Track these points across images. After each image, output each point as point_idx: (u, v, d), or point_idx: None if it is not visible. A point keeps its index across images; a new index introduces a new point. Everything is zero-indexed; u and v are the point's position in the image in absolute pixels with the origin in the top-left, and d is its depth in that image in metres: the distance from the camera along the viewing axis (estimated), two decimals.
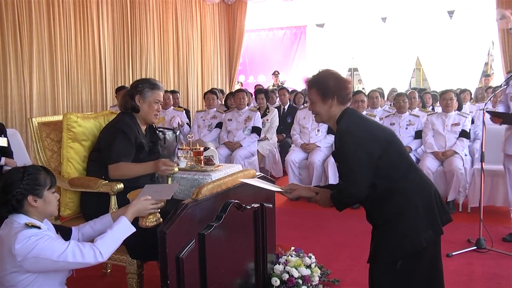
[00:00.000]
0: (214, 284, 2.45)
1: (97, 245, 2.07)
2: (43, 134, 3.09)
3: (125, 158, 2.88)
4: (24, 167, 2.15)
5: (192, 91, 10.50)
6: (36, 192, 2.09)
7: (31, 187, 2.08)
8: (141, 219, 2.37)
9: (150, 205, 2.32)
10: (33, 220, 2.09)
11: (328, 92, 2.35)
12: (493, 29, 9.72)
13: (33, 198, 2.08)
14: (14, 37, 6.44)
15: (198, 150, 3.82)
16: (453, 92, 5.66)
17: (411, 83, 13.29)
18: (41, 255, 1.97)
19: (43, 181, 2.12)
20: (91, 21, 7.69)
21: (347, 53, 12.33)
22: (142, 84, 3.03)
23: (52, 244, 2.00)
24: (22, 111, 6.60)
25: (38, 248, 1.97)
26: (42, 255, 1.97)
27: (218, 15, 11.38)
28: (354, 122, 2.34)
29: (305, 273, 3.18)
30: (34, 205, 2.09)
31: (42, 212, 2.14)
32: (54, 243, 2.01)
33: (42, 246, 1.97)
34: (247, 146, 6.50)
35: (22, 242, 1.96)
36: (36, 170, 2.14)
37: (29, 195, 2.07)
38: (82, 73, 7.60)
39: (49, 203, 2.14)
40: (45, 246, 1.98)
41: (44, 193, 2.11)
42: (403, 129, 5.76)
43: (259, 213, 2.94)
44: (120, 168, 2.85)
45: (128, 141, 2.90)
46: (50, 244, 1.99)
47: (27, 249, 1.96)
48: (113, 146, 2.87)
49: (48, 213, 2.18)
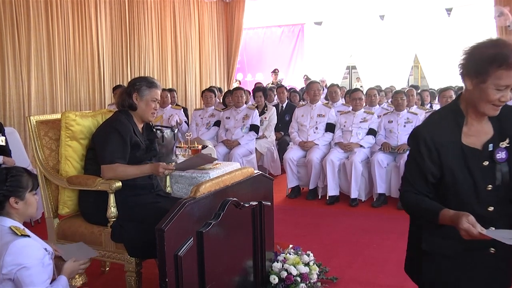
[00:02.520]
0: (212, 282, 2.45)
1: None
2: (41, 133, 3.08)
3: (120, 159, 2.84)
4: (8, 168, 2.18)
5: (190, 89, 10.49)
6: (18, 194, 2.11)
7: (14, 189, 2.10)
8: (72, 280, 2.45)
9: (80, 266, 2.35)
10: (17, 224, 2.10)
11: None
12: (491, 26, 9.72)
13: (15, 200, 2.10)
14: (12, 36, 6.42)
15: (196, 148, 3.83)
16: (452, 90, 5.66)
17: (409, 81, 13.29)
18: (26, 278, 1.98)
19: (26, 183, 2.14)
20: (89, 19, 7.68)
21: (345, 51, 12.34)
22: (140, 82, 3.03)
23: (39, 275, 2.02)
24: (20, 109, 6.59)
25: (25, 271, 1.98)
26: (26, 278, 1.99)
27: (216, 13, 11.37)
28: None
29: (304, 271, 3.19)
30: (15, 207, 2.11)
31: (22, 214, 2.16)
32: (40, 276, 2.03)
33: (29, 273, 1.99)
34: (245, 144, 6.50)
35: (13, 255, 1.98)
36: (19, 172, 2.16)
37: (11, 197, 2.09)
38: (80, 71, 7.59)
39: (29, 205, 2.17)
40: (30, 273, 1.99)
41: (26, 195, 2.14)
42: (401, 127, 5.75)
43: (257, 211, 2.94)
44: (115, 170, 2.81)
45: (122, 141, 2.87)
46: (36, 275, 2.01)
47: (16, 266, 1.98)
48: (107, 146, 2.85)
49: (28, 215, 2.20)
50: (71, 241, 2.92)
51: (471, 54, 1.77)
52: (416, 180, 1.91)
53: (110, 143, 2.85)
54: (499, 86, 1.71)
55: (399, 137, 5.71)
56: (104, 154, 2.85)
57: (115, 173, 2.81)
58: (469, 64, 1.77)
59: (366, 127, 5.85)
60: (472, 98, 1.80)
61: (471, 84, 1.78)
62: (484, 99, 1.75)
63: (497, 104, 1.76)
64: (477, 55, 1.74)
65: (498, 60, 1.68)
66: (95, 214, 2.88)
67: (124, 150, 2.88)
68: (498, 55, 1.68)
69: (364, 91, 6.96)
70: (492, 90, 1.72)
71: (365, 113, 5.96)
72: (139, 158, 2.99)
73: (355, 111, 5.91)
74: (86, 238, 2.86)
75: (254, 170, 3.10)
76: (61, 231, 3.01)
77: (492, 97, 1.73)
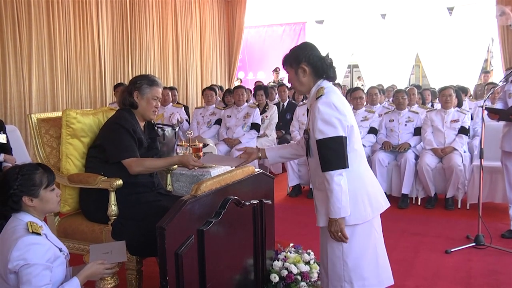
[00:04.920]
0: (213, 280, 2.45)
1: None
2: (42, 131, 3.08)
3: (134, 152, 2.86)
4: (21, 166, 2.15)
5: (191, 87, 10.50)
6: (31, 193, 2.09)
7: (26, 188, 2.08)
8: (99, 282, 2.39)
9: (105, 270, 2.28)
10: (35, 219, 2.10)
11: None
12: (492, 25, 9.71)
13: (29, 198, 2.09)
14: (13, 34, 6.43)
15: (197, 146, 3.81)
16: (452, 88, 5.66)
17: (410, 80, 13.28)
18: (24, 276, 1.97)
19: (39, 181, 2.11)
20: (90, 17, 7.69)
21: (346, 49, 12.30)
22: (141, 81, 3.02)
23: (40, 277, 1.99)
24: (21, 107, 6.60)
25: (28, 271, 1.97)
26: (25, 276, 1.97)
27: (218, 12, 11.37)
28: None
29: (304, 270, 3.18)
30: (31, 205, 2.10)
31: (41, 211, 2.15)
32: (39, 278, 2.00)
33: (29, 272, 1.97)
34: (246, 143, 6.50)
35: (20, 251, 1.97)
36: (31, 170, 2.12)
37: (24, 195, 2.07)
38: (82, 69, 7.60)
39: (47, 201, 2.14)
40: (30, 272, 1.98)
41: (40, 192, 2.11)
42: (402, 126, 5.75)
43: (258, 210, 2.94)
44: (142, 163, 2.84)
45: (131, 137, 2.89)
46: (36, 275, 1.98)
47: (21, 261, 1.97)
48: (121, 142, 2.85)
49: (48, 210, 2.18)
50: (72, 239, 2.93)
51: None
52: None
53: (123, 139, 2.85)
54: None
55: (400, 136, 5.71)
56: (119, 150, 2.84)
57: (145, 166, 2.85)
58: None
59: (367, 125, 5.85)
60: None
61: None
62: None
63: None
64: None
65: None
66: (96, 212, 2.88)
67: (134, 144, 2.90)
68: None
69: (366, 90, 6.96)
70: None
71: (366, 112, 5.95)
72: (141, 156, 2.99)
73: (356, 110, 5.91)
74: (87, 236, 2.86)
75: (255, 168, 3.10)
76: (62, 229, 3.00)
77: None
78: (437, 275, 3.59)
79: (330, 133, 2.28)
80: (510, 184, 4.36)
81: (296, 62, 2.44)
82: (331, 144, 2.29)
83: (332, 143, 2.29)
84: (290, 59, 2.47)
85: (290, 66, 2.47)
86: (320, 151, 2.32)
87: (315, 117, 2.32)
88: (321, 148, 2.31)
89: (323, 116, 2.30)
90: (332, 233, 2.35)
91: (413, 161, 5.50)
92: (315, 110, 2.33)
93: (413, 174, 5.49)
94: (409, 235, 4.45)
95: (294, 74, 2.46)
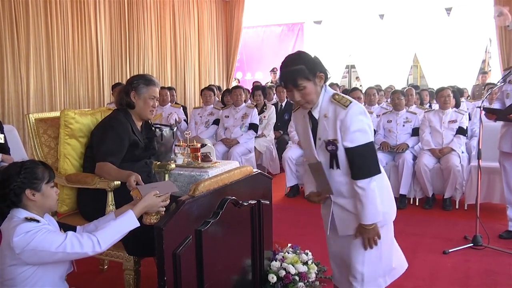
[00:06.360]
0: (211, 280, 2.45)
1: (97, 235, 2.08)
2: (40, 130, 3.08)
3: (113, 157, 2.84)
4: (23, 161, 2.16)
5: (189, 87, 10.49)
6: (34, 186, 2.09)
7: (29, 181, 2.08)
8: (146, 216, 2.37)
9: (161, 202, 2.34)
10: (33, 215, 2.09)
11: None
12: (490, 26, 9.72)
13: (31, 192, 2.09)
14: (11, 33, 6.41)
15: (195, 146, 3.82)
16: (449, 89, 5.67)
17: (408, 80, 13.28)
18: (39, 247, 1.97)
19: (41, 175, 2.12)
20: (88, 17, 7.67)
21: (344, 50, 12.31)
22: (137, 80, 3.02)
23: (51, 236, 2.01)
24: (19, 107, 6.59)
25: (36, 240, 1.97)
26: (40, 247, 1.97)
27: (216, 12, 11.36)
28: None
29: (302, 270, 3.19)
30: (32, 199, 2.09)
31: (41, 206, 2.14)
32: (52, 235, 2.01)
33: (40, 238, 1.97)
34: (244, 143, 6.50)
35: (20, 235, 1.97)
36: (34, 164, 2.15)
37: (26, 188, 2.08)
38: (80, 69, 7.58)
39: (47, 197, 2.14)
40: (43, 238, 1.98)
41: (42, 187, 2.12)
42: (400, 126, 5.76)
43: (256, 210, 2.94)
44: (103, 169, 2.81)
45: (118, 139, 2.87)
46: (48, 236, 1.99)
47: (25, 242, 1.96)
48: (103, 144, 2.85)
49: (47, 207, 2.18)
50: None
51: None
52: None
53: (106, 141, 2.85)
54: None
55: (398, 137, 5.71)
56: (99, 152, 2.86)
57: (101, 172, 2.82)
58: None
59: None
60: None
61: None
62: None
63: None
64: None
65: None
66: (94, 212, 2.86)
67: (119, 149, 2.88)
68: None
69: (364, 90, 6.96)
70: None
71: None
72: (138, 157, 2.99)
73: None
74: None
75: (253, 168, 3.10)
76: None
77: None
78: (435, 276, 3.59)
79: (365, 139, 2.26)
80: (508, 185, 4.37)
81: (312, 73, 2.31)
82: (366, 151, 2.27)
83: (367, 150, 2.27)
84: (304, 73, 2.30)
85: (307, 79, 2.30)
86: (355, 159, 2.28)
87: (350, 126, 2.25)
88: (355, 156, 2.27)
89: (361, 124, 2.27)
90: (369, 239, 2.33)
91: (411, 161, 5.50)
92: (349, 119, 2.25)
93: (411, 174, 5.49)
94: (407, 235, 4.45)
95: (313, 85, 2.32)
